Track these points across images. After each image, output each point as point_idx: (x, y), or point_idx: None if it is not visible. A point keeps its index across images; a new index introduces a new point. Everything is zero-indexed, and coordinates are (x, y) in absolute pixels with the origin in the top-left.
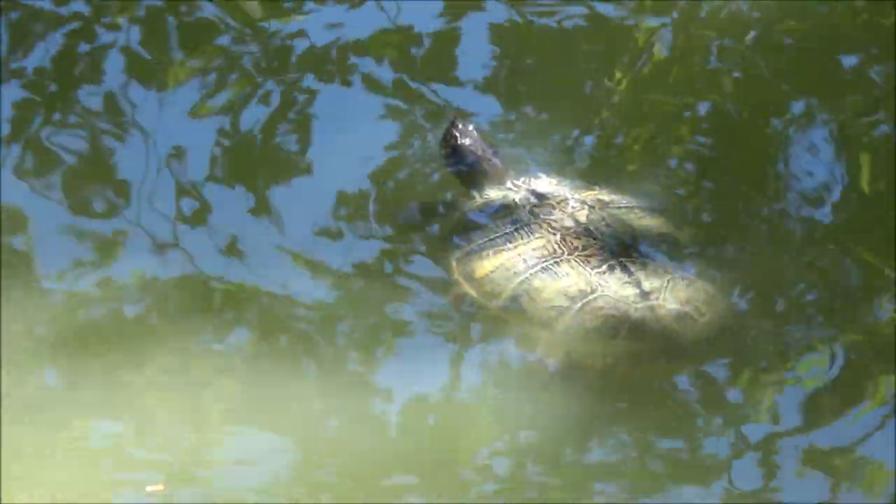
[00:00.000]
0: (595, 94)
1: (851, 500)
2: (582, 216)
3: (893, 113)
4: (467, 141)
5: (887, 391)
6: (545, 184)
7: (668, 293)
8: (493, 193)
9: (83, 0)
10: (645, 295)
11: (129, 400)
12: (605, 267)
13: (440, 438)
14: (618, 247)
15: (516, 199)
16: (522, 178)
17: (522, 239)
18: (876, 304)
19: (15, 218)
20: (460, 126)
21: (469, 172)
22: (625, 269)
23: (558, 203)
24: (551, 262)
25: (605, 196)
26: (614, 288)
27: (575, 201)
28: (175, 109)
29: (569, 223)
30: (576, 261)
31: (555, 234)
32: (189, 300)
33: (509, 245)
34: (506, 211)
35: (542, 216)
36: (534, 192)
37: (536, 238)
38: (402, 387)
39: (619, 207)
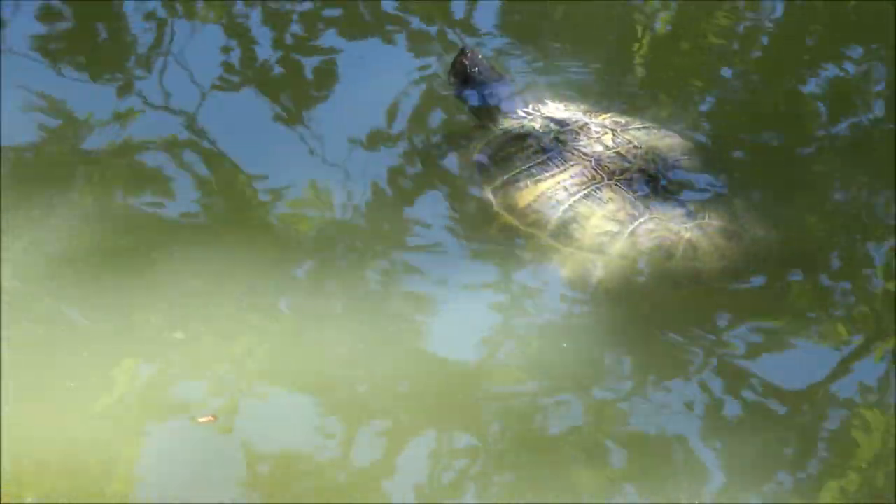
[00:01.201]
0: (609, 26)
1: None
2: (608, 140)
3: None
4: (477, 69)
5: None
6: (556, 109)
7: (712, 211)
8: (509, 122)
9: None
10: (692, 214)
11: (153, 330)
12: (646, 189)
13: (480, 367)
14: (652, 168)
15: (536, 127)
16: (532, 105)
17: (557, 167)
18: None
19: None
20: (469, 55)
21: (480, 101)
22: (666, 190)
23: (580, 128)
24: (593, 189)
25: (620, 118)
26: (661, 209)
27: (595, 125)
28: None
29: (598, 148)
30: (616, 185)
31: (589, 160)
32: (213, 223)
33: (545, 174)
34: (529, 140)
35: (570, 143)
36: (552, 119)
37: (571, 165)
38: (444, 315)
39: (638, 129)
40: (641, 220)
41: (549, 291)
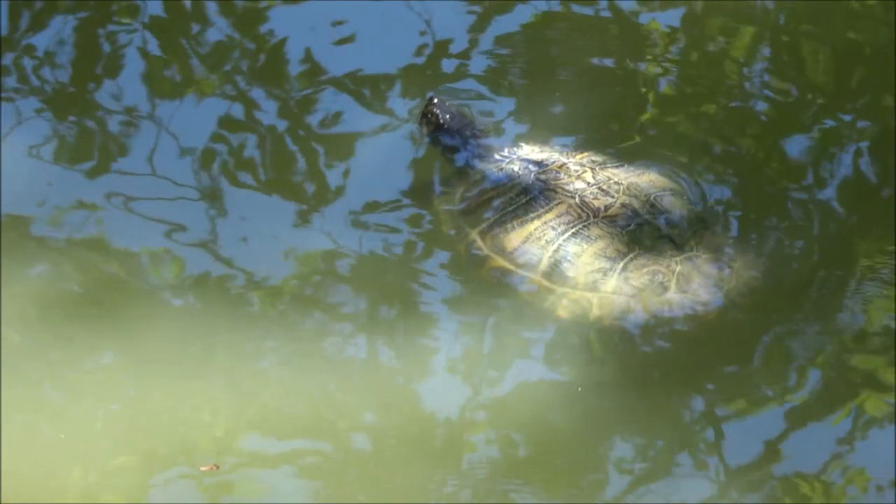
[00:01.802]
0: (590, 71)
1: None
2: (589, 177)
3: None
4: (447, 117)
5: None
6: (532, 151)
7: (699, 244)
8: (486, 166)
9: None
10: (679, 247)
11: (153, 378)
12: (633, 225)
13: (475, 412)
14: (636, 203)
15: (515, 169)
16: (507, 149)
17: (542, 207)
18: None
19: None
20: (437, 102)
21: (455, 147)
22: (652, 224)
23: (559, 168)
24: (580, 227)
25: (597, 157)
26: (649, 244)
27: (573, 164)
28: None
29: (580, 185)
30: (603, 222)
31: (573, 199)
32: (203, 277)
33: (531, 214)
34: (509, 182)
35: (551, 182)
36: (530, 161)
37: (556, 204)
38: (438, 362)
39: (616, 166)
40: (631, 255)
41: (545, 332)
